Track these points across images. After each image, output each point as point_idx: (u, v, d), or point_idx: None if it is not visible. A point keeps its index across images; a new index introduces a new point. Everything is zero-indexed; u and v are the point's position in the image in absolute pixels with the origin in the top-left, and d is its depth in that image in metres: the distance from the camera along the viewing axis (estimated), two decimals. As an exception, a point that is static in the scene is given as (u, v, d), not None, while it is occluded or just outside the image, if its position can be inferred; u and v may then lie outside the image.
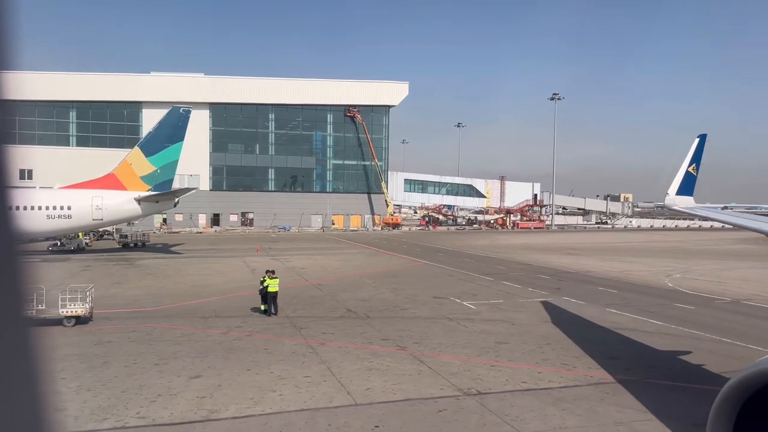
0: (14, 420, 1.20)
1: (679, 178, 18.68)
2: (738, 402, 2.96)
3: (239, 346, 18.37)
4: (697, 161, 19.18)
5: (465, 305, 25.79)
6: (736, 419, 2.94)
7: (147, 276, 35.37)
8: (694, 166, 19.02)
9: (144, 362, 16.46)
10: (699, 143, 19.41)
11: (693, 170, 18.98)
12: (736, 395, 2.98)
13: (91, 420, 12.04)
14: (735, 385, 3.01)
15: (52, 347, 18.03)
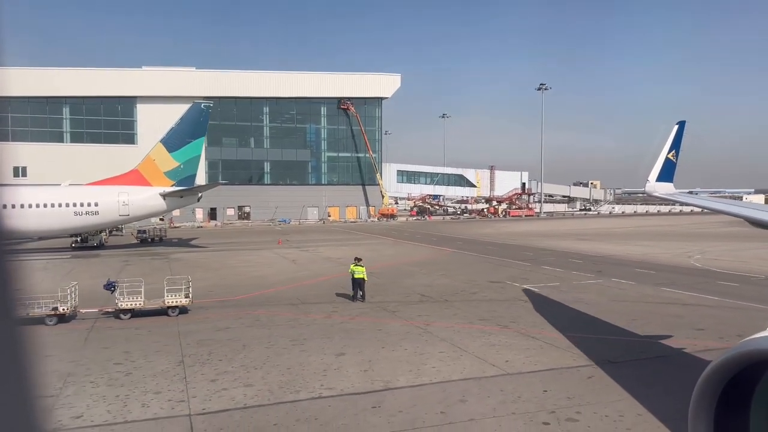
0: (7, 420, 1.20)
1: (659, 165, 18.83)
2: (719, 384, 2.96)
3: (353, 328, 19.72)
4: (677, 148, 19.28)
5: (527, 288, 27.48)
6: (717, 402, 2.97)
7: (196, 269, 36.21)
8: (673, 153, 19.13)
9: (280, 344, 17.71)
10: (678, 130, 19.54)
11: (673, 157, 19.09)
12: (717, 378, 2.96)
13: (287, 392, 13.34)
14: (716, 368, 2.98)
15: (182, 334, 19.19)
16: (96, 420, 11.87)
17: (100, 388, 13.85)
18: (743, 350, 2.91)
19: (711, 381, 2.98)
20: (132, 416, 12.08)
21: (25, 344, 1.27)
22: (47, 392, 13.29)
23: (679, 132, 19.44)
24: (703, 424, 2.98)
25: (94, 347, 17.73)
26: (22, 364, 1.25)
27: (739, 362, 2.91)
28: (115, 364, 15.92)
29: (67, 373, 15.07)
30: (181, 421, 11.82)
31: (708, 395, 2.98)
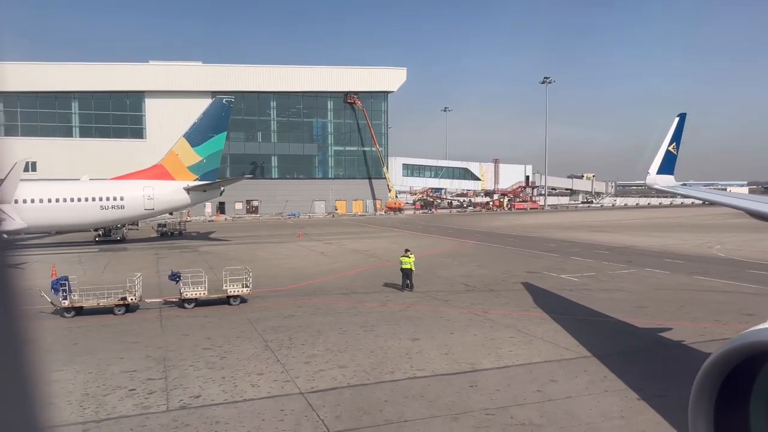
0: (9, 415, 1.21)
1: (660, 157, 18.86)
2: (719, 376, 2.95)
3: (414, 316, 20.54)
4: (677, 140, 19.29)
5: (565, 278, 28.38)
6: (717, 394, 2.96)
7: (230, 261, 36.82)
8: (674, 145, 19.16)
9: (352, 330, 18.52)
10: (679, 122, 19.53)
11: (673, 149, 19.10)
12: (717, 370, 2.95)
13: (382, 373, 14.15)
14: (716, 360, 2.96)
15: (252, 321, 19.97)
16: (216, 399, 12.64)
17: (202, 371, 14.61)
18: (743, 342, 2.88)
19: (711, 373, 2.96)
20: (248, 395, 12.86)
21: (26, 340, 1.26)
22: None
23: (680, 124, 19.59)
24: (702, 417, 2.97)
25: (175, 334, 18.48)
26: (22, 360, 1.24)
27: (739, 354, 2.88)
28: (203, 349, 16.68)
29: (162, 357, 15.83)
30: (296, 398, 12.61)
31: (708, 387, 2.96)
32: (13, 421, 1.21)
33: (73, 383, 13.79)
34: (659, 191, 24.24)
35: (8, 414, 1.21)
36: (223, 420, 11.45)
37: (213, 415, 11.71)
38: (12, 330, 1.27)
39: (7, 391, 1.23)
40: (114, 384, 13.72)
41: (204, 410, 12.01)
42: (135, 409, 12.15)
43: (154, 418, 11.65)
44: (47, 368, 14.76)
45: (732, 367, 2.92)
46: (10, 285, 1.28)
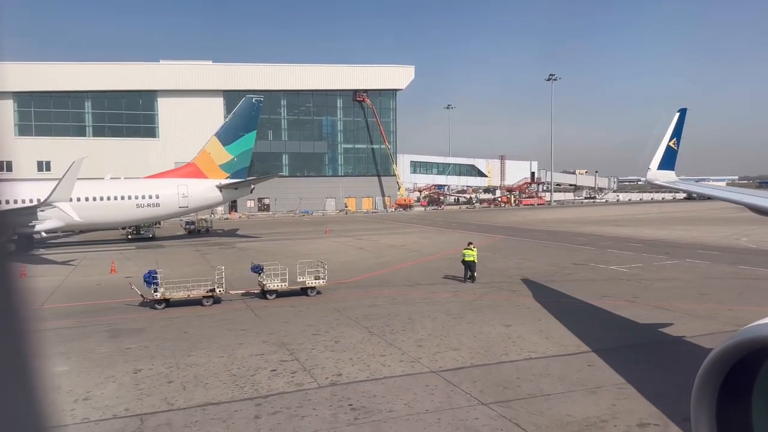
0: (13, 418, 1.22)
1: (660, 153, 18.89)
2: (721, 371, 2.94)
3: (492, 304, 21.67)
4: (678, 135, 19.31)
5: (614, 269, 29.60)
6: (719, 390, 2.96)
7: (272, 257, 37.59)
8: (674, 141, 19.14)
9: (442, 318, 19.63)
10: (679, 117, 19.54)
11: (674, 144, 19.10)
12: (719, 365, 2.94)
13: (497, 355, 15.27)
14: (717, 356, 2.96)
15: (339, 310, 21.03)
16: (359, 377, 13.73)
17: (327, 353, 15.69)
18: (744, 337, 2.88)
19: (713, 369, 2.95)
20: (385, 373, 13.95)
21: (28, 342, 1.25)
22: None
23: (680, 120, 19.61)
24: (705, 412, 2.97)
25: (275, 322, 19.51)
26: (25, 362, 1.25)
27: (741, 350, 2.88)
28: (312, 335, 17.75)
29: (280, 342, 16.90)
30: (431, 376, 13.71)
31: (710, 383, 2.96)
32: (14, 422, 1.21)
33: (214, 365, 14.82)
34: (659, 187, 24.81)
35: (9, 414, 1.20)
36: (379, 394, 12.53)
37: (366, 390, 12.78)
38: (14, 331, 1.25)
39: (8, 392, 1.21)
40: (252, 365, 14.76)
41: (354, 386, 13.09)
42: (289, 386, 13.21)
43: (314, 392, 12.72)
44: (184, 352, 15.83)
45: (734, 362, 2.90)
46: (12, 286, 1.27)
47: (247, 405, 12.11)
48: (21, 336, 1.28)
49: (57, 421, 2.08)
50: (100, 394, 12.90)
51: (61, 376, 14.20)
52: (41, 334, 17.86)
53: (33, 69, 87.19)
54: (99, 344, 17.20)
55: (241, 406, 12.08)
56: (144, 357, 15.77)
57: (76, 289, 26.94)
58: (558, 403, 11.76)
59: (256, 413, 11.64)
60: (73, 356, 15.93)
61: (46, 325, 19.74)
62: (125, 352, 16.27)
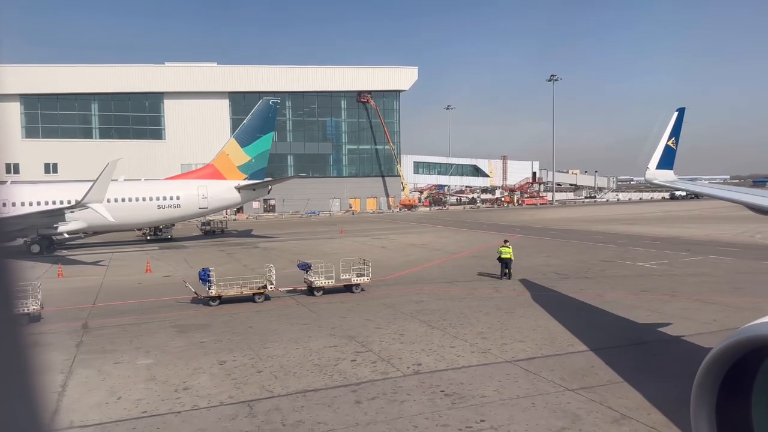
0: (10, 418, 1.21)
1: (659, 152, 18.90)
2: (721, 371, 2.94)
3: (540, 299, 22.36)
4: (677, 135, 19.34)
5: (642, 265, 30.40)
6: (719, 389, 2.95)
7: (300, 256, 38.19)
8: (673, 140, 19.15)
9: (494, 312, 20.31)
10: (678, 117, 19.59)
11: (672, 144, 19.11)
12: (719, 364, 2.94)
13: (566, 345, 15.97)
14: (717, 355, 2.96)
15: (390, 306, 21.67)
16: (438, 366, 14.39)
17: (397, 345, 16.34)
18: (743, 337, 2.89)
19: (712, 368, 2.95)
20: (462, 363, 14.62)
21: (26, 343, 1.28)
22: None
23: (679, 119, 19.61)
24: (704, 410, 2.96)
25: (333, 317, 20.14)
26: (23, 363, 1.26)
27: (740, 349, 2.88)
28: (375, 328, 18.41)
29: (348, 335, 17.54)
30: (507, 365, 14.39)
31: (709, 382, 2.96)
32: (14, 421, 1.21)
33: (293, 356, 15.46)
34: (658, 186, 24.99)
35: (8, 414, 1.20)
36: (465, 381, 13.20)
37: (451, 378, 13.45)
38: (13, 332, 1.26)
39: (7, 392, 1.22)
40: (331, 356, 15.40)
41: (438, 374, 13.76)
42: (375, 374, 13.86)
43: (402, 380, 13.38)
44: (258, 345, 16.45)
45: (734, 361, 2.90)
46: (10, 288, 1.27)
47: (343, 392, 12.75)
48: (19, 338, 1.26)
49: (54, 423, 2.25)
50: (197, 384, 13.51)
51: (149, 368, 14.80)
52: (106, 330, 18.45)
53: (39, 71, 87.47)
54: (171, 339, 17.79)
55: (338, 392, 12.72)
56: (222, 350, 16.37)
57: (119, 288, 27.46)
58: (641, 388, 12.44)
59: (356, 399, 12.29)
60: (151, 350, 16.52)
61: (109, 321, 20.31)
62: (201, 346, 16.87)
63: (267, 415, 11.53)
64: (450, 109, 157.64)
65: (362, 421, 11.08)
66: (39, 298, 20.25)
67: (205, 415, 11.65)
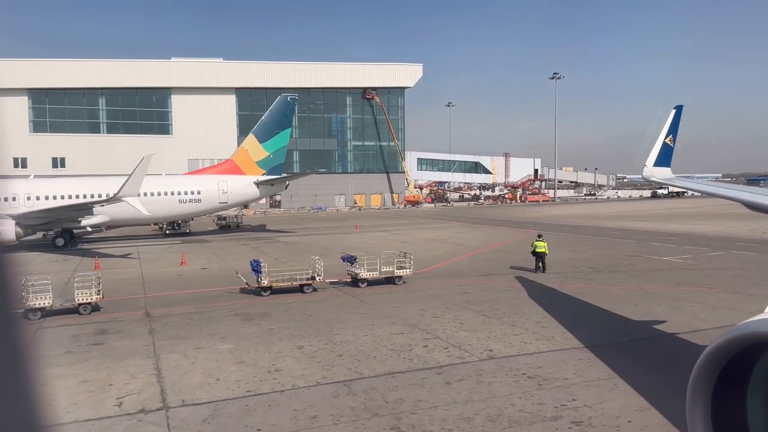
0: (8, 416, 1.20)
1: (657, 150, 18.92)
2: (717, 367, 2.94)
3: (581, 291, 23.14)
4: (674, 132, 19.41)
5: (668, 260, 31.26)
6: (714, 385, 2.96)
7: (327, 250, 38.99)
8: (671, 138, 19.20)
9: (543, 302, 21.06)
10: (675, 114, 19.67)
11: (670, 141, 19.16)
12: (714, 361, 2.94)
13: (633, 331, 16.74)
14: (713, 351, 2.95)
15: (437, 297, 22.39)
16: (510, 352, 15.13)
17: (462, 333, 17.07)
18: (739, 333, 2.89)
19: (708, 364, 2.96)
20: (531, 349, 15.37)
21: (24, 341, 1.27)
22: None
23: (677, 116, 19.72)
24: (700, 406, 2.99)
25: (385, 306, 20.84)
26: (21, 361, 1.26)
27: (736, 345, 2.89)
28: (432, 317, 19.14)
29: (408, 324, 18.25)
30: (579, 351, 15.14)
31: (706, 377, 2.97)
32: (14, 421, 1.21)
33: (365, 342, 16.16)
34: (655, 184, 25.03)
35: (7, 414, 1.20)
36: (542, 365, 13.95)
37: (527, 363, 14.20)
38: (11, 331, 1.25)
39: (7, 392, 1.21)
40: (402, 342, 16.12)
41: (513, 359, 14.50)
42: (452, 359, 14.59)
43: (480, 364, 14.11)
44: (327, 332, 17.13)
45: (729, 358, 2.92)
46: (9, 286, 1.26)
47: (429, 374, 13.48)
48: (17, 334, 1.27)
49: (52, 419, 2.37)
50: (286, 366, 14.20)
51: (232, 353, 15.49)
52: (171, 319, 19.07)
53: (47, 66, 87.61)
54: (240, 326, 18.45)
55: (424, 374, 13.44)
56: (293, 336, 17.06)
57: (161, 279, 28.05)
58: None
59: (445, 380, 13.02)
60: (226, 336, 17.20)
61: (169, 310, 20.95)
62: (272, 332, 17.55)
63: (367, 394, 12.24)
64: (451, 107, 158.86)
65: (459, 400, 11.81)
66: (99, 288, 20.85)
67: (307, 394, 12.35)
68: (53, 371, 14.13)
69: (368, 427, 10.61)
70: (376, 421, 10.85)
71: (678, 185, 20.56)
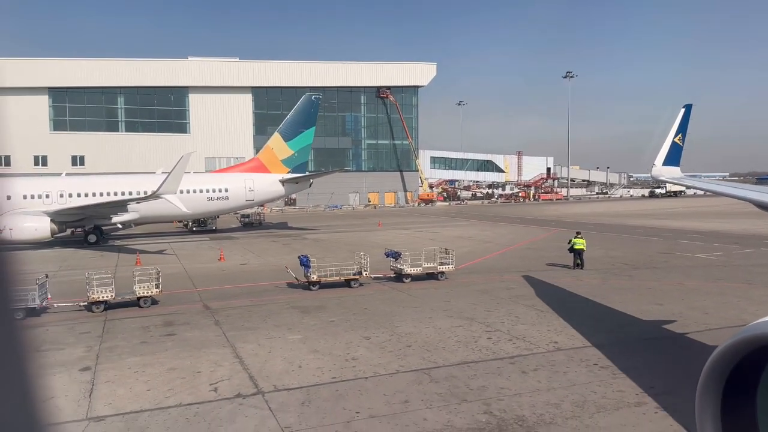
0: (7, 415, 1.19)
1: (666, 149, 18.89)
2: (726, 369, 2.89)
3: (624, 287, 23.57)
4: (683, 131, 19.37)
5: (701, 257, 31.66)
6: (724, 387, 2.91)
7: (356, 246, 39.30)
8: (680, 137, 19.19)
9: (591, 299, 21.53)
10: (684, 113, 19.58)
11: (679, 140, 19.13)
12: (724, 363, 2.89)
13: (699, 324, 17.21)
14: (722, 353, 2.90)
15: (484, 292, 22.89)
16: (575, 344, 15.62)
17: (519, 326, 17.57)
18: (749, 335, 2.86)
19: (717, 365, 2.93)
20: (594, 341, 15.85)
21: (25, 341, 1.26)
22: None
23: (686, 115, 19.64)
24: (709, 409, 2.95)
25: (435, 301, 21.37)
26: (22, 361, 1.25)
27: (745, 347, 2.85)
28: (486, 311, 19.64)
29: (465, 317, 18.76)
30: (642, 342, 15.62)
31: (714, 380, 2.93)
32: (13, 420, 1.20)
33: (428, 334, 16.70)
34: (664, 182, 24.88)
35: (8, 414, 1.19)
36: (611, 356, 14.42)
37: (595, 354, 14.68)
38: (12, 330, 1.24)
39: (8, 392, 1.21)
40: (466, 334, 16.64)
41: (580, 351, 14.98)
42: (518, 349, 15.11)
43: (550, 355, 14.61)
44: (388, 324, 17.67)
45: (739, 359, 2.88)
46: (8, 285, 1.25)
47: (502, 363, 14.00)
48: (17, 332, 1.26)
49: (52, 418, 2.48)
50: (361, 355, 14.75)
51: (304, 342, 16.06)
52: (231, 311, 19.64)
53: (67, 65, 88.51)
54: (300, 318, 19.02)
55: (498, 364, 13.96)
56: (357, 327, 17.61)
57: (206, 274, 28.66)
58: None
59: (520, 369, 13.53)
60: (292, 327, 17.78)
61: (226, 303, 21.54)
62: (335, 324, 18.11)
63: (449, 381, 12.77)
64: (462, 105, 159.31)
65: (541, 387, 12.33)
66: (159, 282, 21.47)
67: (391, 380, 12.89)
68: (137, 360, 14.75)
69: (461, 411, 11.13)
70: (466, 406, 11.38)
71: (687, 184, 20.81)
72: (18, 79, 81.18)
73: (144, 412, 11.32)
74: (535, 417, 10.77)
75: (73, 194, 45.22)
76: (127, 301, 21.00)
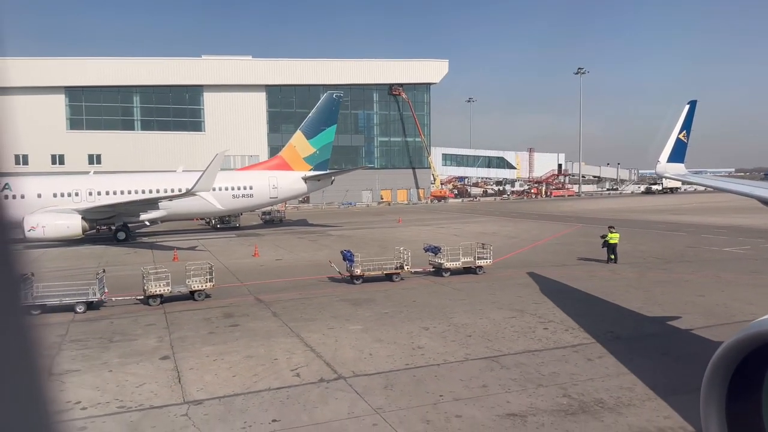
0: (15, 414, 1.18)
1: (670, 146, 18.91)
2: (731, 365, 2.92)
3: (662, 280, 24.05)
4: (688, 128, 19.32)
5: (729, 251, 32.11)
6: (728, 384, 2.94)
7: (380, 242, 40.10)
8: (684, 133, 19.18)
9: (632, 291, 22.04)
10: (689, 110, 19.56)
11: (683, 137, 19.13)
12: (728, 359, 2.92)
13: (736, 315, 17.71)
14: (727, 349, 2.94)
15: (523, 286, 23.41)
16: (631, 334, 16.14)
17: (571, 317, 18.08)
18: (755, 331, 2.87)
19: (721, 363, 2.94)
20: (649, 331, 16.39)
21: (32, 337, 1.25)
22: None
23: (690, 112, 19.60)
24: (714, 408, 2.96)
25: (480, 294, 21.92)
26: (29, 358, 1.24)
27: (750, 344, 2.86)
28: (534, 303, 20.17)
29: (514, 309, 19.30)
30: (698, 331, 16.13)
31: (719, 377, 2.95)
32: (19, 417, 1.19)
33: (484, 325, 17.25)
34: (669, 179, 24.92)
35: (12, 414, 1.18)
36: (670, 344, 15.01)
37: (654, 343, 15.26)
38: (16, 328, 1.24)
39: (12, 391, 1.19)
40: (522, 325, 17.18)
41: (637, 340, 15.53)
42: (576, 339, 15.64)
43: (608, 344, 15.14)
44: (442, 315, 18.23)
45: (743, 357, 2.89)
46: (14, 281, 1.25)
47: (565, 352, 14.54)
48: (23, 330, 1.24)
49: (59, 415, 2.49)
50: (426, 344, 15.32)
51: (365, 332, 16.65)
52: (285, 304, 20.23)
53: (83, 64, 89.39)
54: (354, 310, 19.61)
55: (561, 352, 14.50)
56: (413, 318, 18.18)
57: (247, 270, 29.26)
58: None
59: (585, 356, 14.07)
60: (349, 318, 18.37)
61: (277, 297, 22.15)
62: (390, 316, 18.69)
63: (519, 368, 13.33)
64: (471, 102, 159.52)
65: (611, 373, 12.88)
66: (212, 276, 22.11)
67: (463, 367, 13.46)
68: (211, 348, 15.37)
69: (540, 394, 11.70)
70: (543, 390, 11.94)
71: (691, 181, 20.87)
72: (35, 79, 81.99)
73: (238, 395, 11.92)
74: (613, 400, 11.32)
75: (102, 192, 45.96)
76: (180, 294, 21.63)
